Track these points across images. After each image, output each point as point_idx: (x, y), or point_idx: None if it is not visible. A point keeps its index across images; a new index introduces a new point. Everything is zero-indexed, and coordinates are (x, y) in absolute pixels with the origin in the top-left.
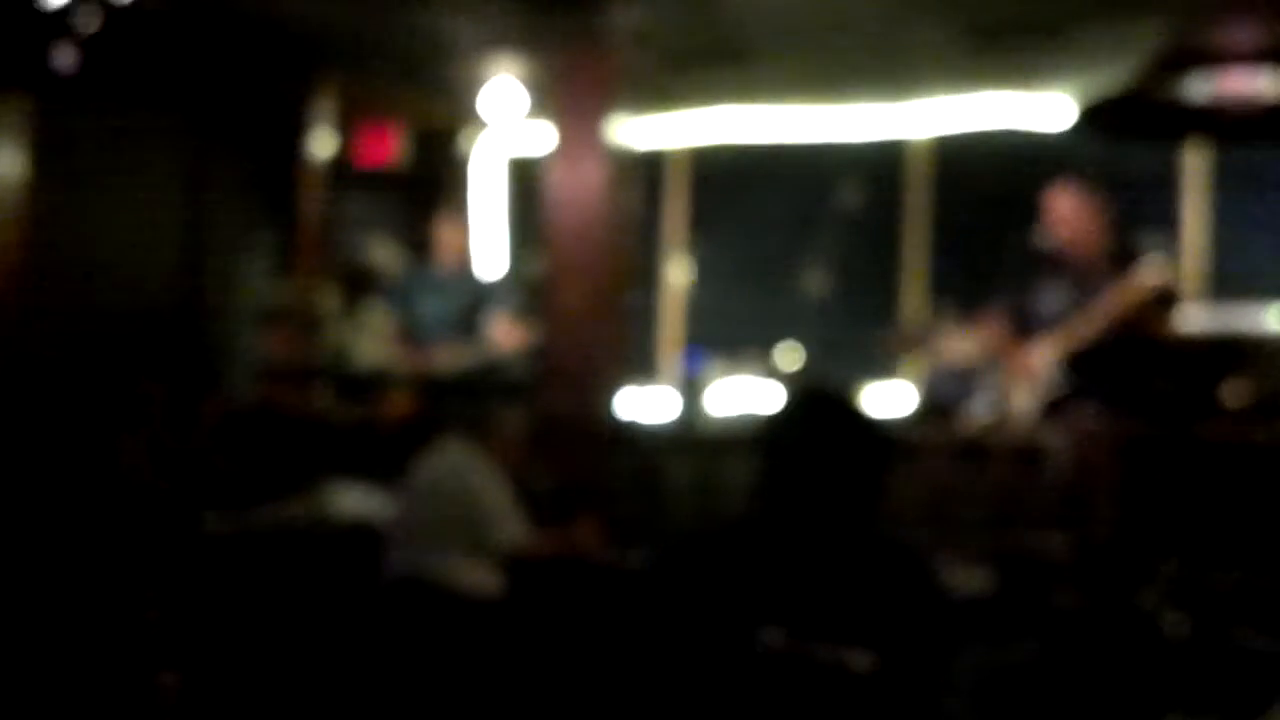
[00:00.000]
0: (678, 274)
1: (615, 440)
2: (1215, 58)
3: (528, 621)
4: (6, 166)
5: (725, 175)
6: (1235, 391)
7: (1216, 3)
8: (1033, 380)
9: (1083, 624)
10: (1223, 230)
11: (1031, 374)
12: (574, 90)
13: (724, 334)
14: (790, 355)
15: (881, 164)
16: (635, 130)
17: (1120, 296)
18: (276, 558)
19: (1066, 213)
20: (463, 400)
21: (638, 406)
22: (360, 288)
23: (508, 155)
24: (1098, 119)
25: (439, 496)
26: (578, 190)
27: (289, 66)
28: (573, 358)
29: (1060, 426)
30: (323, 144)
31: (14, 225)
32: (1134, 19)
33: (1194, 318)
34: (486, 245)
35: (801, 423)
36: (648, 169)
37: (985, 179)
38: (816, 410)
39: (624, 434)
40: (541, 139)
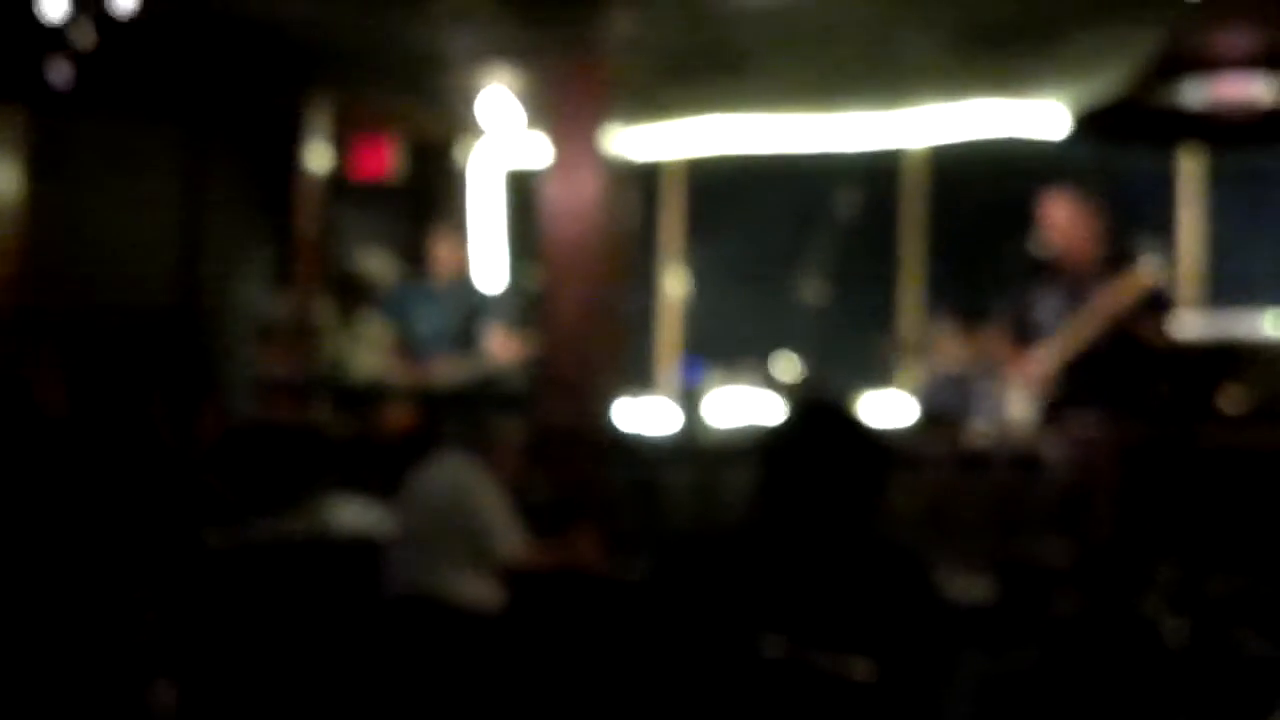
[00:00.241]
0: (674, 284)
1: (613, 451)
2: (1210, 63)
3: (528, 633)
4: (3, 179)
5: (721, 185)
6: (1233, 397)
7: (1211, 8)
8: (1031, 388)
9: (1083, 630)
10: (1219, 236)
11: (1029, 381)
12: (569, 101)
13: (721, 344)
14: (788, 364)
15: (877, 172)
16: (631, 140)
17: (1112, 298)
18: (275, 572)
19: (1062, 219)
20: (461, 413)
21: (635, 417)
22: (354, 298)
23: (504, 167)
24: (1092, 125)
25: (438, 509)
26: (574, 201)
27: (285, 79)
28: (570, 369)
29: (1059, 434)
30: (319, 157)
31: (11, 238)
32: (1128, 25)
33: (1191, 324)
34: (483, 257)
35: (801, 432)
36: (644, 179)
37: (981, 186)
38: (816, 420)
39: (622, 444)
40: (537, 150)
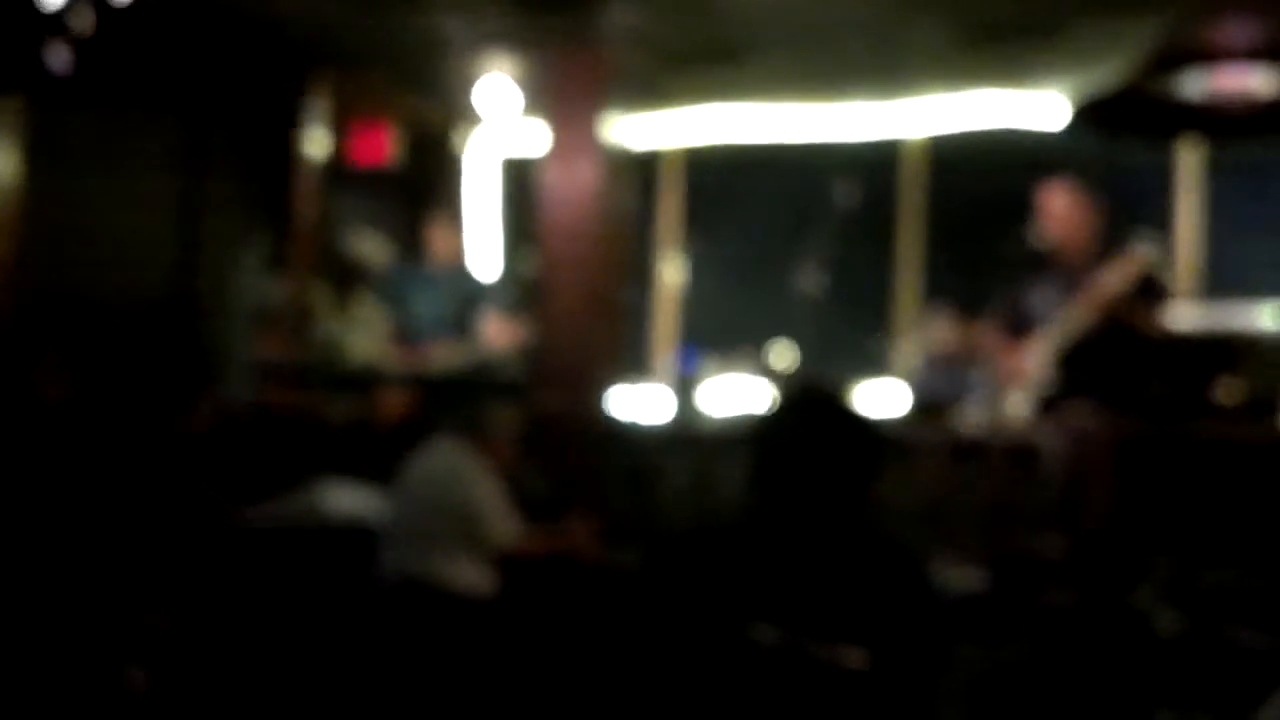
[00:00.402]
0: (672, 272)
1: (609, 439)
2: (1209, 55)
3: (521, 620)
4: (0, 167)
5: (720, 174)
6: (1228, 390)
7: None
8: (1026, 379)
9: (1076, 622)
10: (1216, 228)
11: (1024, 373)
12: (568, 89)
13: (718, 332)
14: (784, 354)
15: (876, 162)
16: (629, 129)
17: (1104, 285)
18: (270, 556)
19: (1060, 211)
20: (456, 399)
21: (632, 405)
22: (348, 281)
23: (502, 154)
24: (1091, 117)
25: (432, 495)
26: (572, 189)
27: (283, 66)
28: (566, 356)
29: (1054, 425)
30: (317, 143)
31: (7, 226)
32: (1127, 17)
33: (1187, 316)
34: (480, 244)
35: (794, 421)
36: (642, 167)
37: (979, 177)
38: (809, 408)
39: (618, 432)
40: (536, 138)
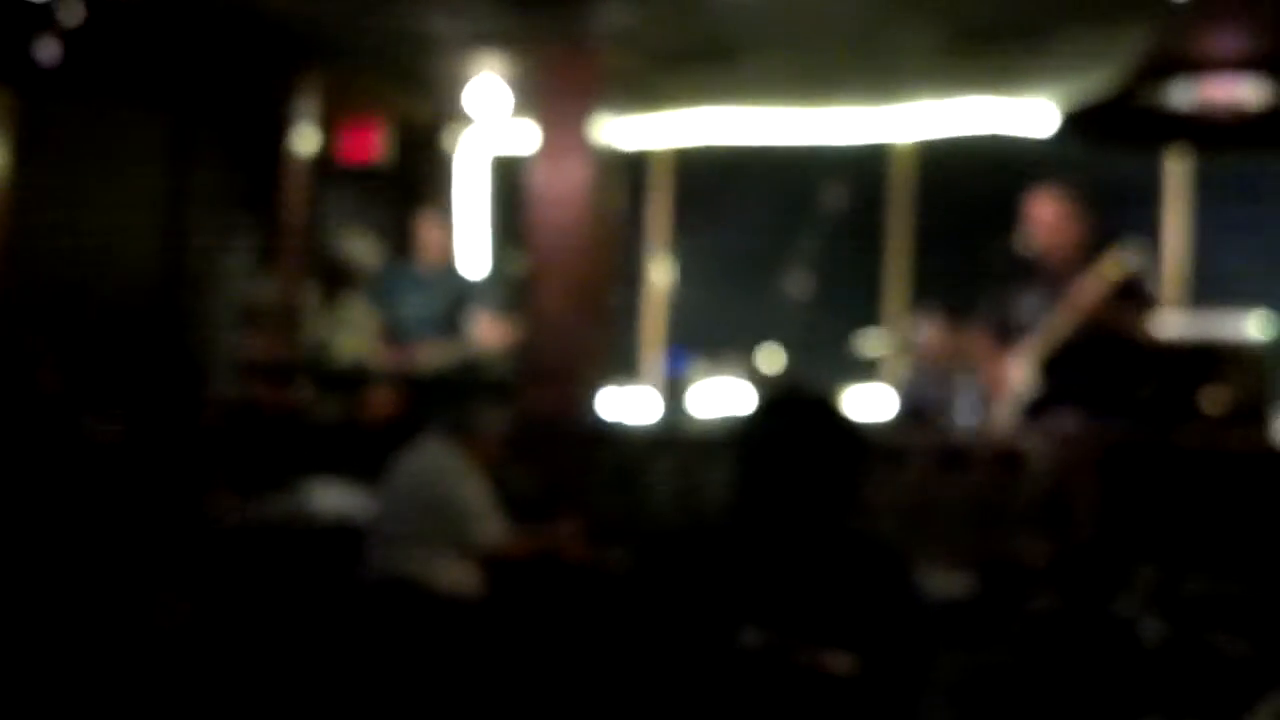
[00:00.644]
0: (660, 274)
1: (596, 440)
2: (1198, 65)
3: (507, 621)
4: None
5: (709, 176)
6: (1214, 398)
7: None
8: (1011, 385)
9: (1060, 628)
10: (1204, 237)
11: (1010, 379)
12: (558, 89)
13: (707, 335)
14: (772, 357)
15: (865, 167)
16: (619, 129)
17: (1085, 289)
18: (257, 555)
19: (1047, 218)
20: (444, 398)
21: (619, 406)
22: (339, 282)
23: (491, 153)
24: (1080, 125)
25: (419, 495)
26: (561, 189)
27: (272, 62)
28: (555, 357)
29: (1039, 432)
30: (306, 141)
31: None
32: (1117, 25)
33: (1173, 324)
34: (469, 243)
35: (777, 424)
36: (631, 169)
37: (968, 183)
38: (789, 411)
39: (605, 434)
40: (525, 138)
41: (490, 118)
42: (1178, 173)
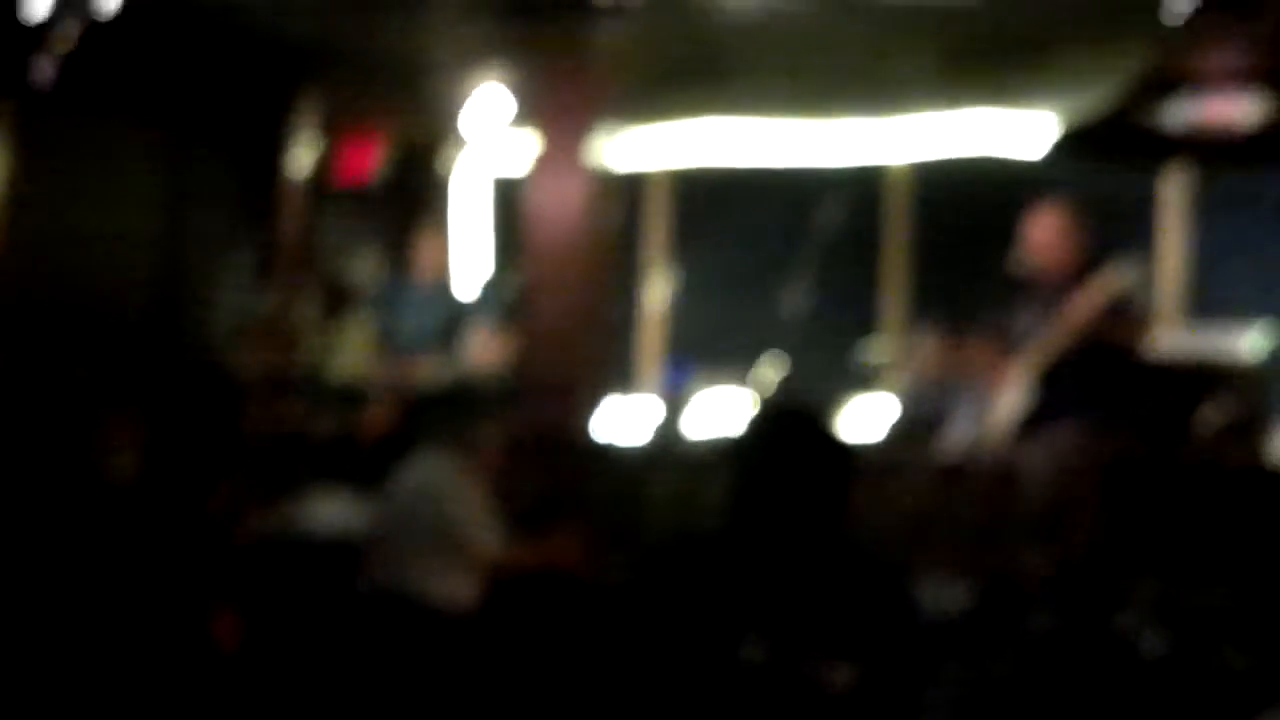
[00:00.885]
0: (659, 289)
1: (595, 454)
2: (1196, 82)
3: (506, 635)
4: None
5: (708, 193)
6: (1212, 413)
7: (1197, 28)
8: (1009, 400)
9: (1059, 643)
10: (1201, 254)
11: (1009, 393)
12: (557, 105)
13: (705, 349)
14: (771, 371)
15: (863, 184)
16: (617, 146)
17: (1080, 305)
18: (255, 571)
19: (1045, 235)
20: (442, 414)
21: (618, 420)
22: (337, 298)
23: (490, 169)
24: (1078, 142)
25: (417, 510)
26: (559, 204)
27: (272, 80)
28: (552, 372)
29: (1038, 446)
30: (304, 158)
31: None
32: (1115, 43)
33: (1172, 340)
34: (468, 259)
35: (767, 438)
36: (630, 185)
37: (966, 200)
38: (781, 426)
39: (603, 448)
40: (524, 154)
41: (489, 134)
42: (1175, 188)
